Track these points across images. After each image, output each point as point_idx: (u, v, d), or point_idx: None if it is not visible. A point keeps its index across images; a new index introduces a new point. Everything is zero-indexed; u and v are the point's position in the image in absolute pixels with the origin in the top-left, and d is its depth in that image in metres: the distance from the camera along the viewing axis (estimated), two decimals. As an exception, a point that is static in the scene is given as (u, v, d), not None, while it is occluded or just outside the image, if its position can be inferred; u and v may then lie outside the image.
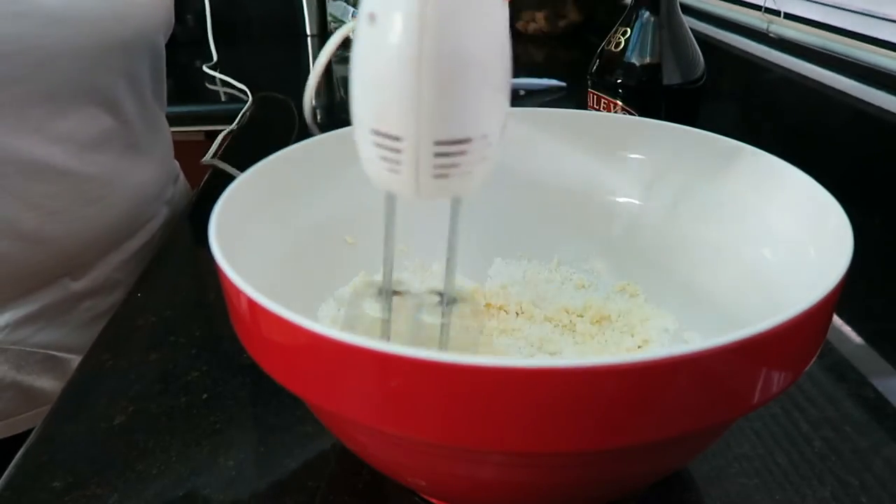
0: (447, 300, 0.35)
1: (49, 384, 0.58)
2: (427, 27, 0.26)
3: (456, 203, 0.33)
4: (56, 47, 0.51)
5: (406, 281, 0.44)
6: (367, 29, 0.27)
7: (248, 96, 1.07)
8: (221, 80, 1.18)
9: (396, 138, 0.28)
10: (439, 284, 0.35)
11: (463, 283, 0.45)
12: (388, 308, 0.35)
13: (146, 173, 0.64)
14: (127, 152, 0.61)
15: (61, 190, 0.55)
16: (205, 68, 1.21)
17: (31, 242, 0.54)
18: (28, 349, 0.57)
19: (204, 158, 0.75)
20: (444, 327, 0.35)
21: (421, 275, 0.45)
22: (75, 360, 0.52)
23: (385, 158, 0.29)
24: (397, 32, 0.26)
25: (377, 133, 0.28)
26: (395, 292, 0.35)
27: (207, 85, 1.18)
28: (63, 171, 0.54)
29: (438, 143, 0.28)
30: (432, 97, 0.27)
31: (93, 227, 0.58)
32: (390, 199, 0.33)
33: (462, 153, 0.28)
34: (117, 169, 0.60)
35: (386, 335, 0.35)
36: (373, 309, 0.35)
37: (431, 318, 0.35)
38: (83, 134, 0.56)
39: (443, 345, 0.35)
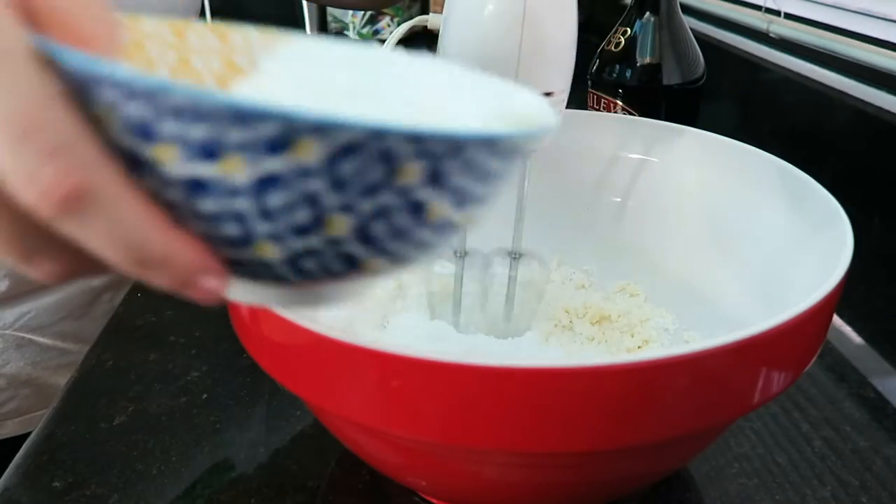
0: (515, 255, 0.39)
1: (63, 382, 0.58)
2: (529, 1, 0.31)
3: (524, 161, 0.37)
4: None
5: (410, 285, 0.44)
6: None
7: None
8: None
9: None
10: (506, 245, 0.40)
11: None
12: (462, 265, 0.39)
13: None
14: None
15: None
16: None
17: None
18: (45, 340, 0.57)
19: None
20: (511, 280, 0.39)
21: (421, 274, 0.45)
22: None
23: None
24: (503, 5, 0.32)
25: None
26: (466, 252, 0.40)
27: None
28: None
29: None
30: (529, 57, 0.32)
31: None
32: None
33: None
34: None
35: (458, 291, 0.39)
36: (444, 268, 0.40)
37: (501, 271, 0.40)
38: None
39: (510, 296, 0.39)
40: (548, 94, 0.34)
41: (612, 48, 0.60)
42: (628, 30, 0.59)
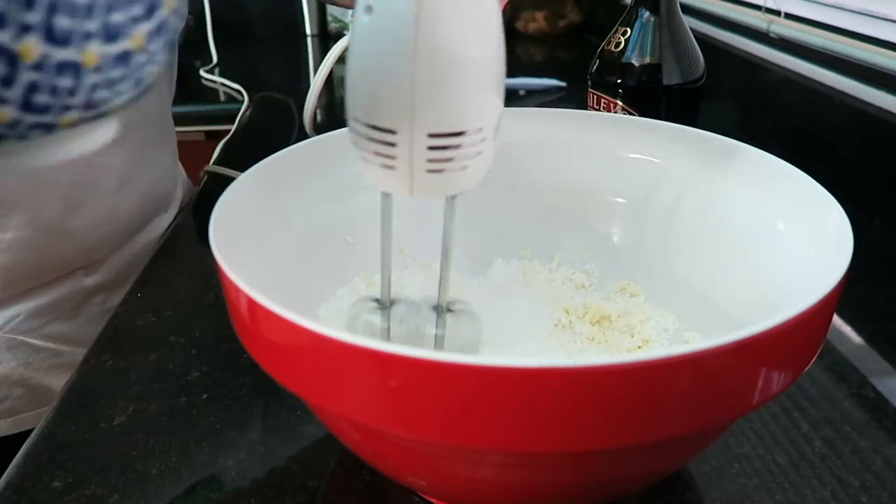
0: (441, 311, 0.35)
1: (56, 382, 0.58)
2: (423, 17, 0.25)
3: (451, 203, 0.32)
4: None
5: (407, 284, 0.44)
6: (363, 20, 0.27)
7: (243, 97, 1.07)
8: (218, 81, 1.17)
9: (391, 131, 0.27)
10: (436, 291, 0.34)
11: (461, 282, 0.45)
12: (387, 317, 0.35)
13: (158, 168, 0.66)
14: (143, 146, 0.63)
15: (83, 180, 0.56)
16: (202, 72, 1.20)
17: (54, 233, 0.55)
18: (37, 342, 0.57)
19: (205, 168, 0.75)
20: (438, 338, 0.35)
21: (423, 275, 0.45)
22: (82, 355, 0.53)
23: (380, 154, 0.28)
24: (393, 22, 0.26)
25: (372, 127, 0.28)
26: (393, 302, 0.35)
27: (206, 84, 1.18)
28: (87, 162, 0.56)
29: (432, 136, 0.27)
30: (426, 88, 0.26)
31: (110, 219, 0.60)
32: (386, 202, 0.32)
33: (457, 146, 0.28)
34: (134, 162, 0.61)
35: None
36: (372, 318, 0.35)
37: (428, 329, 0.35)
38: None
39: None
40: (458, 134, 0.27)
41: (612, 48, 0.60)
42: (628, 30, 0.59)
